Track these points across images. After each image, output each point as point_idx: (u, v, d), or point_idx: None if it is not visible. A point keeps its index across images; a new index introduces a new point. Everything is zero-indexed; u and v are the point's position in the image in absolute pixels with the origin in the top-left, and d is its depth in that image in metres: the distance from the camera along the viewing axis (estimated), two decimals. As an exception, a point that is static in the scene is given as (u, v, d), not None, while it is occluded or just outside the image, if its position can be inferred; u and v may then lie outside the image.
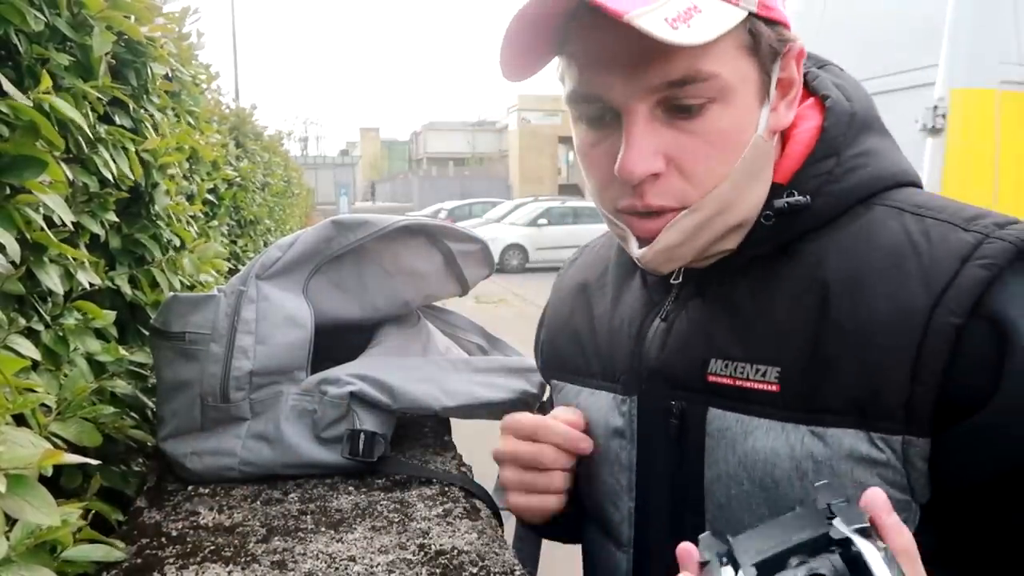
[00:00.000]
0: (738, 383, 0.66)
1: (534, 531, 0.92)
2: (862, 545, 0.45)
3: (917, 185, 0.70)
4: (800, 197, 0.66)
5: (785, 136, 0.70)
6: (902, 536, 0.48)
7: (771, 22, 0.64)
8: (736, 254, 0.69)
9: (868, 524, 0.47)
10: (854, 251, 0.64)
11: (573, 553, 0.93)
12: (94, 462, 0.58)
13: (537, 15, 0.61)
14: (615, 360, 0.77)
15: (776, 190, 0.67)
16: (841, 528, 0.46)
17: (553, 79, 0.70)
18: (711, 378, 0.68)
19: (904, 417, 0.59)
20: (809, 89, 0.72)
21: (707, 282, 0.71)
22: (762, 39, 0.63)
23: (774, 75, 0.65)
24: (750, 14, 0.61)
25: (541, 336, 0.94)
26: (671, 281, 0.74)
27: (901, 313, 0.59)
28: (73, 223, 0.84)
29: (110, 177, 0.96)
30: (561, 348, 0.87)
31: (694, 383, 0.69)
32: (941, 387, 0.58)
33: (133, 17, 1.04)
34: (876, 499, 0.48)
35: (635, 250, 0.68)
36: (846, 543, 0.45)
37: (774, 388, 0.64)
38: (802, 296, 0.65)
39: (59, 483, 0.79)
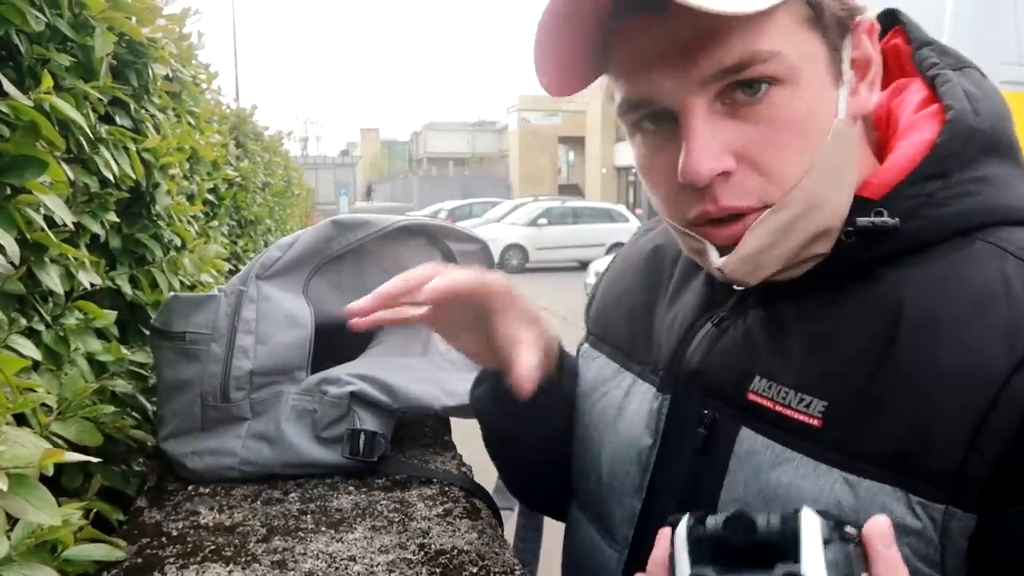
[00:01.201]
0: (778, 408, 0.59)
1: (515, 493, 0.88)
2: (807, 517, 0.41)
3: None
4: (888, 219, 0.57)
5: (887, 146, 0.62)
6: (896, 571, 0.42)
7: None
8: (825, 268, 0.61)
9: (852, 533, 0.42)
10: (938, 288, 0.56)
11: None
12: (95, 460, 0.58)
13: (568, 16, 0.56)
14: (660, 353, 0.72)
15: (864, 205, 0.59)
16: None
17: None
18: (751, 396, 0.61)
19: (952, 485, 0.51)
20: (937, 95, 0.62)
21: (772, 294, 0.64)
22: (825, 10, 0.56)
23: (845, 52, 0.58)
24: None
25: (596, 296, 0.87)
26: (735, 286, 0.67)
27: (974, 369, 0.52)
28: (74, 223, 0.84)
29: (111, 177, 0.96)
30: (611, 320, 0.81)
31: (732, 397, 0.63)
32: (1002, 462, 0.50)
33: (134, 18, 1.04)
34: (880, 526, 0.43)
35: (716, 260, 0.60)
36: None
37: (816, 423, 0.57)
38: (868, 328, 0.57)
39: (60, 483, 0.79)
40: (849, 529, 0.43)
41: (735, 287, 0.67)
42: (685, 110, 0.56)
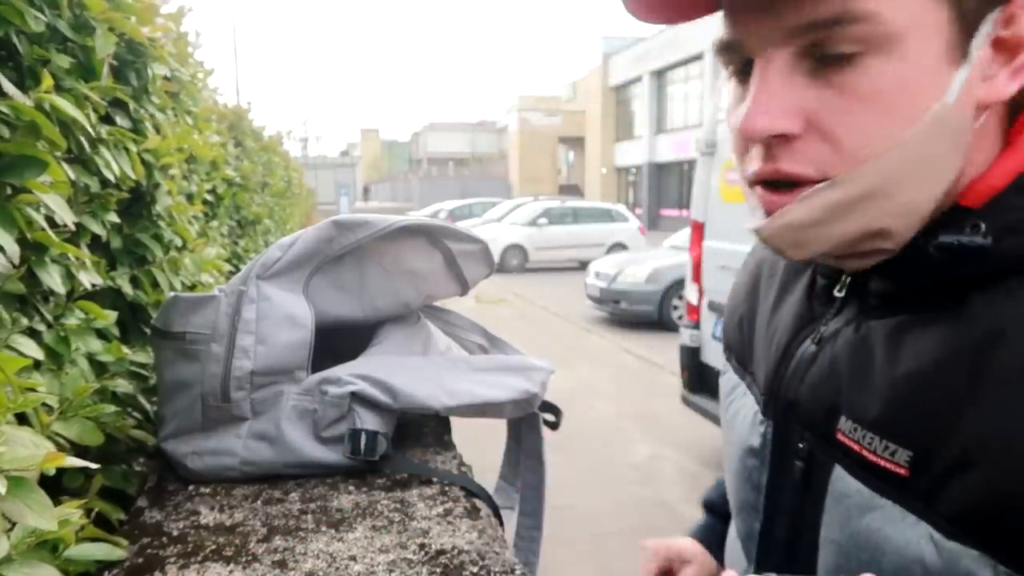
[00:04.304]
0: (864, 453, 0.54)
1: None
2: None
3: None
4: (978, 237, 0.49)
5: (1013, 136, 0.53)
6: None
7: None
8: (900, 283, 0.55)
9: None
10: None
11: (573, 553, 0.93)
12: (94, 466, 0.58)
13: None
14: (761, 369, 0.68)
15: (960, 214, 0.52)
16: None
17: (553, 79, 0.64)
18: (839, 436, 0.56)
19: None
20: None
21: (863, 308, 0.58)
22: None
23: (985, 27, 0.49)
24: None
25: (728, 304, 0.83)
26: (835, 293, 0.62)
27: None
28: (75, 223, 0.84)
29: (111, 178, 0.96)
30: (730, 328, 0.79)
31: (823, 432, 0.58)
32: None
33: (134, 18, 1.04)
34: None
35: (756, 222, 0.55)
36: None
37: (903, 472, 0.51)
38: (956, 363, 0.49)
39: (61, 482, 0.79)
40: None
41: (835, 294, 0.62)
42: (760, 60, 0.52)
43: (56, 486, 0.77)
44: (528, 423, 1.20)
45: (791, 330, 0.65)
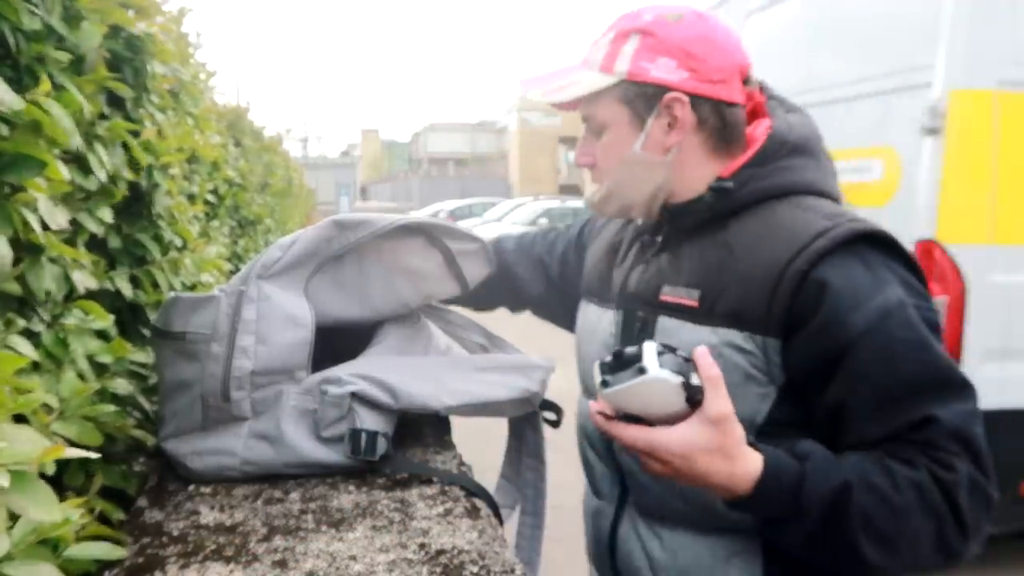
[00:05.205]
0: (675, 300, 1.01)
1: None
2: (647, 344, 0.81)
3: (826, 195, 1.01)
4: (725, 184, 0.99)
5: (747, 146, 1.04)
6: (709, 365, 0.81)
7: (640, 83, 0.99)
8: (690, 221, 1.03)
9: (685, 354, 0.81)
10: (756, 226, 0.98)
11: (573, 553, 0.93)
12: (94, 455, 0.58)
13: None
14: (617, 288, 1.13)
15: (721, 180, 1.00)
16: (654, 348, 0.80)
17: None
18: (662, 297, 1.03)
19: (764, 325, 0.92)
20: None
21: (669, 239, 1.07)
22: (629, 94, 1.00)
23: (653, 115, 1.00)
24: (622, 79, 0.99)
25: (588, 261, 1.29)
26: (656, 238, 1.09)
27: (771, 263, 0.92)
28: (72, 222, 0.84)
29: (103, 177, 0.95)
30: (592, 276, 1.23)
31: (652, 301, 1.04)
32: (788, 309, 0.90)
33: (133, 12, 1.03)
34: (698, 348, 0.82)
35: (587, 194, 1.14)
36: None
37: (695, 304, 0.98)
38: (719, 250, 0.99)
39: (61, 481, 0.79)
40: (680, 351, 0.81)
41: (654, 238, 1.10)
42: (583, 126, 1.08)
43: (56, 484, 0.77)
44: (529, 422, 1.20)
45: (632, 261, 1.12)
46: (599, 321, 1.15)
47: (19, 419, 0.66)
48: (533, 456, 1.22)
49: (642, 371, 0.78)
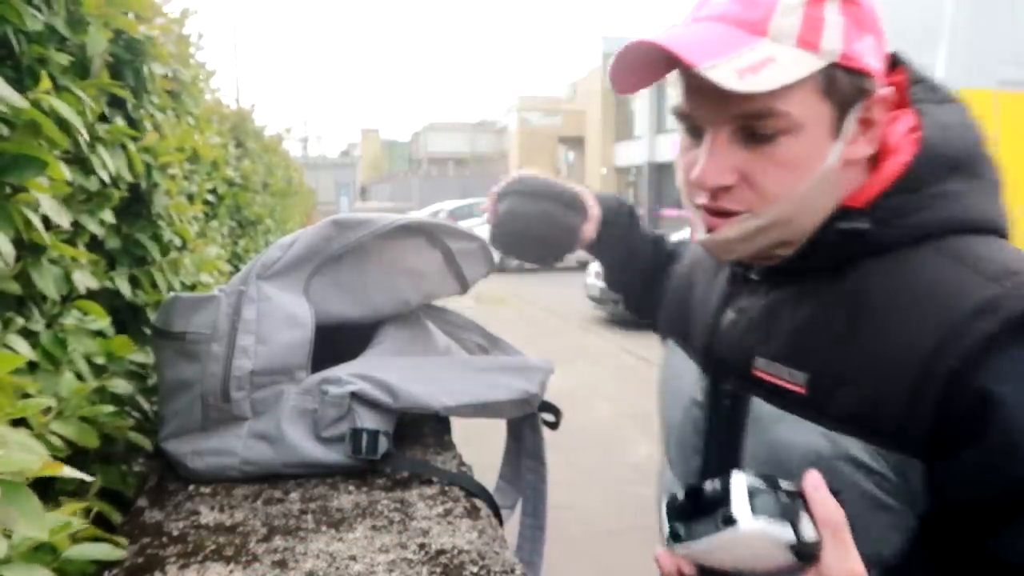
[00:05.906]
0: (773, 380, 0.76)
1: None
2: (735, 477, 0.60)
3: (997, 232, 0.72)
4: (860, 224, 0.72)
5: (879, 162, 0.76)
6: (826, 507, 0.60)
7: (852, 71, 0.70)
8: (800, 265, 0.77)
9: (789, 487, 0.61)
10: (893, 285, 0.70)
11: (573, 553, 0.93)
12: (89, 479, 0.58)
13: (636, 59, 0.73)
14: (698, 340, 0.90)
15: (849, 212, 0.74)
16: (753, 480, 0.60)
17: (553, 80, 0.76)
18: (755, 372, 0.78)
19: (899, 439, 0.67)
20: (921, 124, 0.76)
21: (774, 285, 0.81)
22: (838, 85, 0.70)
23: (852, 116, 0.72)
24: (831, 63, 0.69)
25: (668, 296, 1.07)
26: (751, 277, 0.84)
27: (910, 348, 0.66)
28: (73, 223, 0.84)
29: (107, 177, 0.96)
30: (671, 312, 1.01)
31: (743, 373, 0.80)
32: (937, 421, 0.64)
33: (133, 15, 1.04)
34: (811, 478, 0.61)
35: (700, 236, 0.78)
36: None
37: (801, 391, 0.73)
38: (839, 315, 0.73)
39: (58, 482, 0.79)
40: (783, 483, 0.61)
41: (751, 277, 0.84)
42: (710, 134, 0.73)
43: (54, 485, 0.77)
44: (528, 423, 1.20)
45: (717, 306, 0.88)
46: (683, 377, 0.91)
47: (17, 420, 0.66)
48: (533, 457, 1.22)
49: (730, 521, 0.58)
